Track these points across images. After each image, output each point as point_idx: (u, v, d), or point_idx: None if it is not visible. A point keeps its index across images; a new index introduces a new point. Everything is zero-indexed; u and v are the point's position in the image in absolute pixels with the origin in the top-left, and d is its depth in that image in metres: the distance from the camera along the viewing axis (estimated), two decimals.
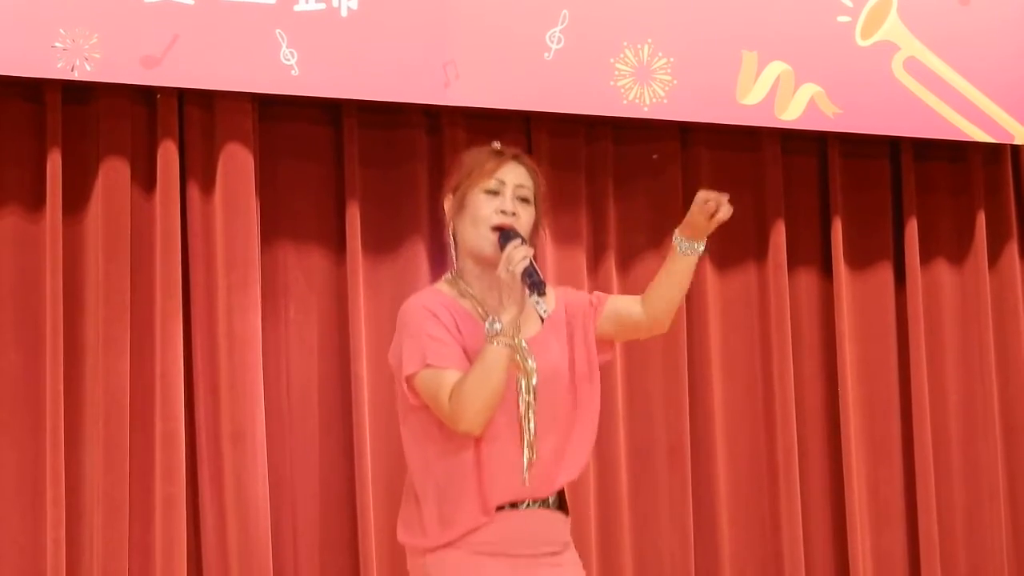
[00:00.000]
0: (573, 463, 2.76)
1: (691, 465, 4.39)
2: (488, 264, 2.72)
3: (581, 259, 4.25)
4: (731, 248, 4.52)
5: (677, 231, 2.74)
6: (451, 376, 2.58)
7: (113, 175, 3.95)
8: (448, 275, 2.78)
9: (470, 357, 2.63)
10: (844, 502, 4.49)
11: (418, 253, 4.20)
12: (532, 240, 2.74)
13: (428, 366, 2.61)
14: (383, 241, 4.19)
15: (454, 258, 2.80)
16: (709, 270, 4.48)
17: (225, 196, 4.02)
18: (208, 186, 4.03)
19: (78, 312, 3.93)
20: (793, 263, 4.55)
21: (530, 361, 2.69)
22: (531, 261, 2.61)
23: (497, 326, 2.56)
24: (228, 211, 4.02)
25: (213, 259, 4.01)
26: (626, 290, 4.19)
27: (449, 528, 2.68)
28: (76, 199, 3.95)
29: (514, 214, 2.72)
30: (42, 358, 3.85)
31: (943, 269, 4.74)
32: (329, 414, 4.12)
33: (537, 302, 2.68)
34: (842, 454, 4.51)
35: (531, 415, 2.69)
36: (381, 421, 4.09)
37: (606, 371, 3.07)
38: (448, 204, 2.78)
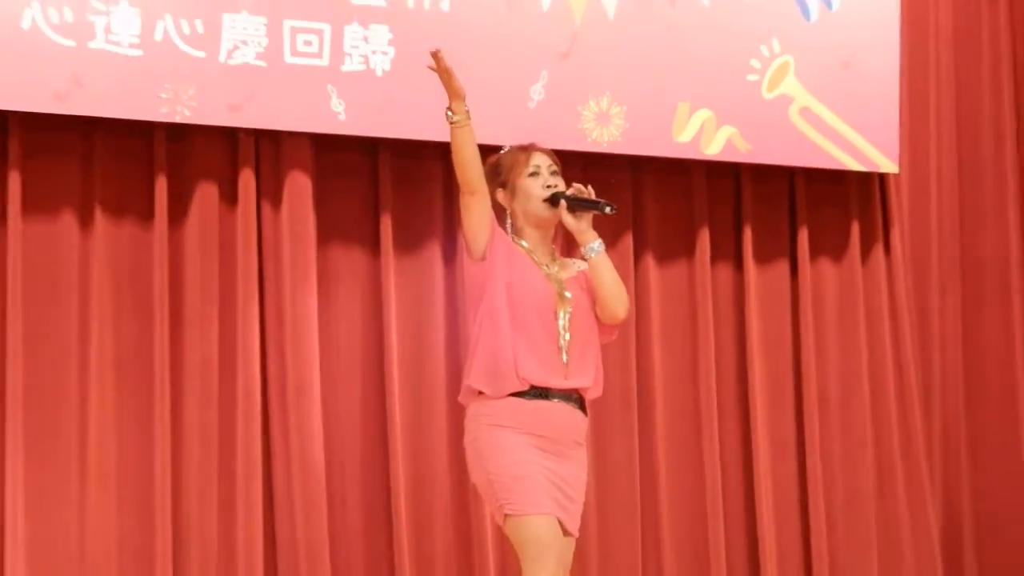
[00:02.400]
0: (589, 367, 3.21)
1: (637, 413, 4.59)
2: (545, 226, 3.23)
3: None
4: (668, 249, 4.75)
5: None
6: None
7: (205, 195, 4.20)
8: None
9: (514, 285, 3.12)
10: (750, 440, 4.76)
11: (435, 252, 4.45)
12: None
13: None
14: (409, 243, 4.41)
15: (509, 228, 3.24)
16: (651, 265, 4.69)
17: (290, 210, 4.25)
18: (277, 203, 4.27)
19: (180, 297, 4.18)
20: (714, 260, 4.77)
21: (567, 293, 3.20)
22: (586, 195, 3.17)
23: (449, 113, 3.12)
24: (292, 222, 4.25)
25: (280, 258, 4.23)
26: None
27: (495, 381, 3.11)
28: (178, 213, 4.18)
29: (556, 186, 3.25)
30: (152, 332, 4.11)
31: (827, 265, 4.97)
32: (368, 374, 4.35)
33: (609, 210, 3.13)
34: (748, 406, 4.77)
35: (567, 324, 3.18)
36: (408, 378, 4.35)
37: None
38: (502, 196, 3.25)
